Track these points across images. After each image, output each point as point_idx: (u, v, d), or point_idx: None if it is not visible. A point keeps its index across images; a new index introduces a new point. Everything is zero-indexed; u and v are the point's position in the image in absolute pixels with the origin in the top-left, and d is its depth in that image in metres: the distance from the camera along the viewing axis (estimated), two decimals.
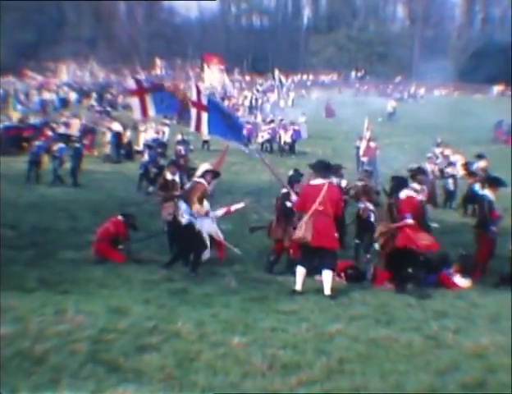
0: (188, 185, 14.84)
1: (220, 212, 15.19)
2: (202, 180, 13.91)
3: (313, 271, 12.64)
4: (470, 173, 25.24)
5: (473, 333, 9.51)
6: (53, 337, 8.02)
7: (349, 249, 17.16)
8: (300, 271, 12.31)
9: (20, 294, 10.63)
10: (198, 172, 14.43)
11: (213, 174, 14.47)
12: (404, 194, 13.14)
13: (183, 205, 13.86)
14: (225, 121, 15.87)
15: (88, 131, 39.27)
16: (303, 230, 12.06)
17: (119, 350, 7.75)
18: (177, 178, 16.76)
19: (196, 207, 13.51)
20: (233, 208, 15.61)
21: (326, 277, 12.03)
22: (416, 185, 13.99)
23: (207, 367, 7.42)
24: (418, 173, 14.44)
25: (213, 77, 50.31)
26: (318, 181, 12.38)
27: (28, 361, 7.27)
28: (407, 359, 8.11)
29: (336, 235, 12.36)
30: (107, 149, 36.30)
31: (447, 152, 31.67)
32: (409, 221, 12.70)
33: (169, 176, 16.80)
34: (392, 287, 13.29)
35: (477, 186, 21.22)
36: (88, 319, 8.92)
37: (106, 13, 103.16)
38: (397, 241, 12.83)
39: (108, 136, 36.72)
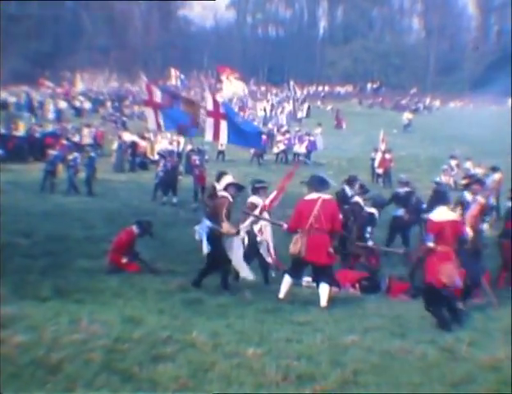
0: (213, 201, 14.40)
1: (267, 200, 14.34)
2: (225, 194, 13.54)
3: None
4: None
5: (487, 346, 9.45)
6: (68, 346, 8.00)
7: None
8: (287, 280, 12.39)
9: (34, 303, 10.64)
10: (221, 185, 14.14)
11: (237, 187, 13.78)
12: (437, 212, 11.38)
13: (206, 222, 13.31)
14: (243, 129, 15.83)
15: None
16: (298, 245, 11.95)
17: (133, 359, 7.73)
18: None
19: (226, 226, 12.98)
20: (271, 195, 14.64)
21: (323, 291, 11.98)
22: (468, 196, 13.83)
23: (221, 377, 7.40)
24: (473, 182, 14.22)
25: (232, 88, 50.18)
26: (312, 196, 12.17)
27: (42, 370, 7.25)
28: (421, 371, 8.06)
29: (331, 250, 12.13)
30: (113, 158, 36.45)
31: (467, 165, 31.59)
32: (430, 244, 11.06)
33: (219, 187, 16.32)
34: (407, 299, 13.28)
35: (492, 199, 21.17)
36: (102, 329, 8.90)
37: (122, 23, 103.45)
38: (426, 276, 11.30)
39: (115, 145, 36.91)
